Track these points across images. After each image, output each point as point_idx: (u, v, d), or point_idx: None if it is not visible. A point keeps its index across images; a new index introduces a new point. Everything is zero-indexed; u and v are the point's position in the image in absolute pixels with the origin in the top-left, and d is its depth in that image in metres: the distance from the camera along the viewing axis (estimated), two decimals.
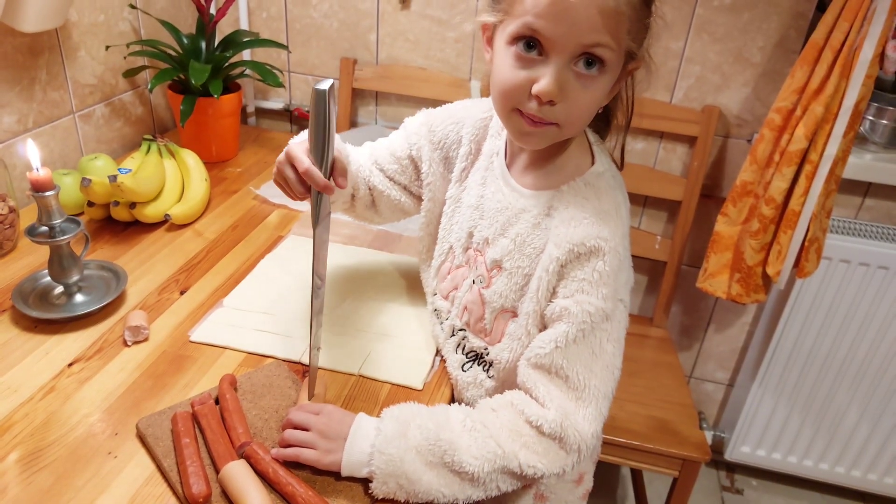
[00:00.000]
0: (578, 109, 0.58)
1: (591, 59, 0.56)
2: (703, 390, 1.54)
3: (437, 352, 0.77)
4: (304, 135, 0.63)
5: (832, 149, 1.05)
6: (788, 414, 1.38)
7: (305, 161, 0.61)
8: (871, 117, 1.20)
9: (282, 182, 0.66)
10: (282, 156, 0.64)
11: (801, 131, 1.06)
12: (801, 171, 1.09)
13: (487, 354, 0.69)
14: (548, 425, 0.58)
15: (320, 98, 0.57)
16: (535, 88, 0.56)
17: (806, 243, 1.13)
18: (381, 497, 0.59)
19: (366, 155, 0.80)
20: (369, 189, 0.79)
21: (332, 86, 0.57)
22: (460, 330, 0.72)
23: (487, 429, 0.60)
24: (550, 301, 0.62)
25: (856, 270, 1.23)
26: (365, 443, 0.59)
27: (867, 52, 0.99)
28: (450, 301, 0.74)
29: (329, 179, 0.62)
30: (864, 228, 1.26)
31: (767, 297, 1.23)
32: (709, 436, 1.47)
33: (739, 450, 1.45)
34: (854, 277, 1.23)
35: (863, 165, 1.17)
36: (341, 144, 0.72)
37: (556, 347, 0.59)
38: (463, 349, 0.72)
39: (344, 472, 0.60)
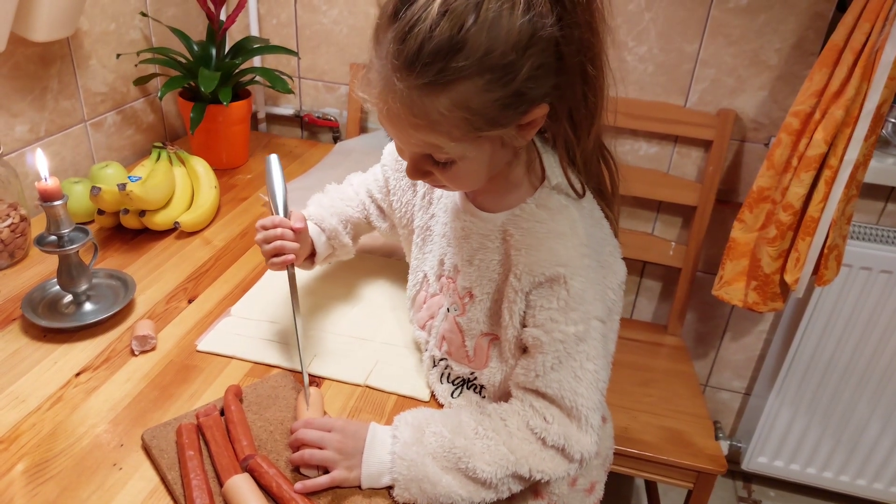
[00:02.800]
0: (455, 180, 0.59)
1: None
2: (719, 399, 1.51)
3: None
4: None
5: (853, 153, 1.02)
6: (807, 424, 1.35)
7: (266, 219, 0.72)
8: (893, 120, 1.17)
9: (263, 244, 0.72)
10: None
11: (821, 135, 1.03)
12: (821, 176, 1.06)
13: (475, 379, 0.68)
14: (551, 439, 0.60)
15: (274, 162, 0.77)
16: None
17: (825, 250, 1.10)
18: (402, 503, 0.59)
19: (363, 190, 0.83)
20: (370, 223, 0.83)
21: (277, 157, 0.77)
22: (441, 360, 0.71)
23: (499, 436, 0.60)
24: (524, 326, 0.61)
25: (877, 278, 1.20)
26: (383, 451, 0.59)
27: (889, 54, 0.96)
28: (427, 331, 0.73)
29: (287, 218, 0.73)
30: (886, 234, 1.22)
31: (785, 306, 1.20)
32: (725, 445, 1.44)
33: (757, 460, 1.42)
34: (875, 285, 1.20)
35: (885, 170, 1.14)
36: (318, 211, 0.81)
37: (537, 376, 0.60)
38: (448, 377, 0.71)
39: (364, 485, 0.60)
